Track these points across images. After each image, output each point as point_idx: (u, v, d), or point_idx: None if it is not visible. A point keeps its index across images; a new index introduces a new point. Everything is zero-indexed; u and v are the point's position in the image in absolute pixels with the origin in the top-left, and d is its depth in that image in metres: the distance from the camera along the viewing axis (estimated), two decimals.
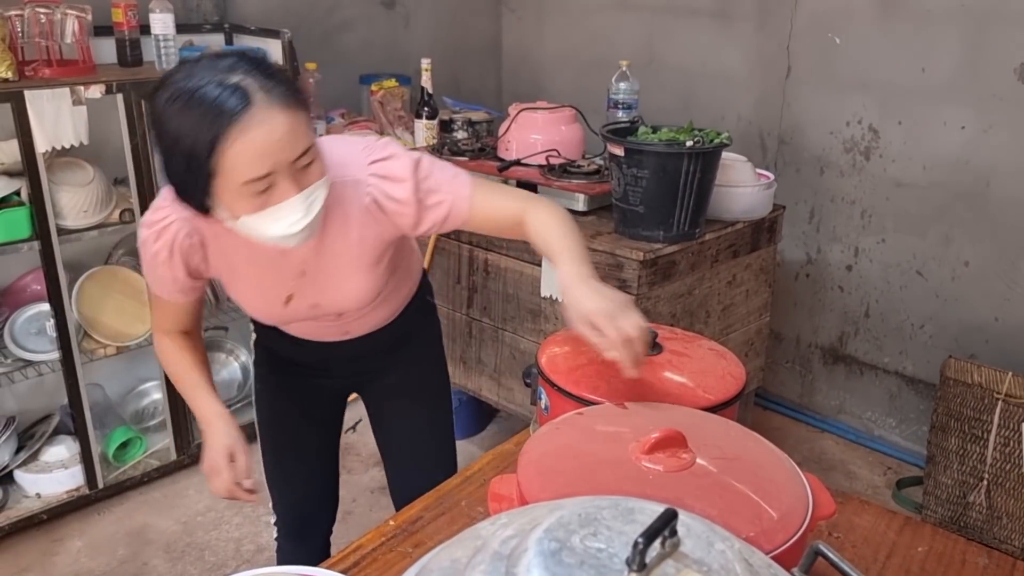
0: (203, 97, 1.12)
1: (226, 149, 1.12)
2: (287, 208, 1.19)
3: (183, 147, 1.14)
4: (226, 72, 1.14)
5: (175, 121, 1.13)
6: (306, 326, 1.55)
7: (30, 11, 2.29)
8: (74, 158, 2.42)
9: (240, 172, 1.14)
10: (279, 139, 1.15)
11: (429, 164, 1.38)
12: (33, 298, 2.54)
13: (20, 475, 2.55)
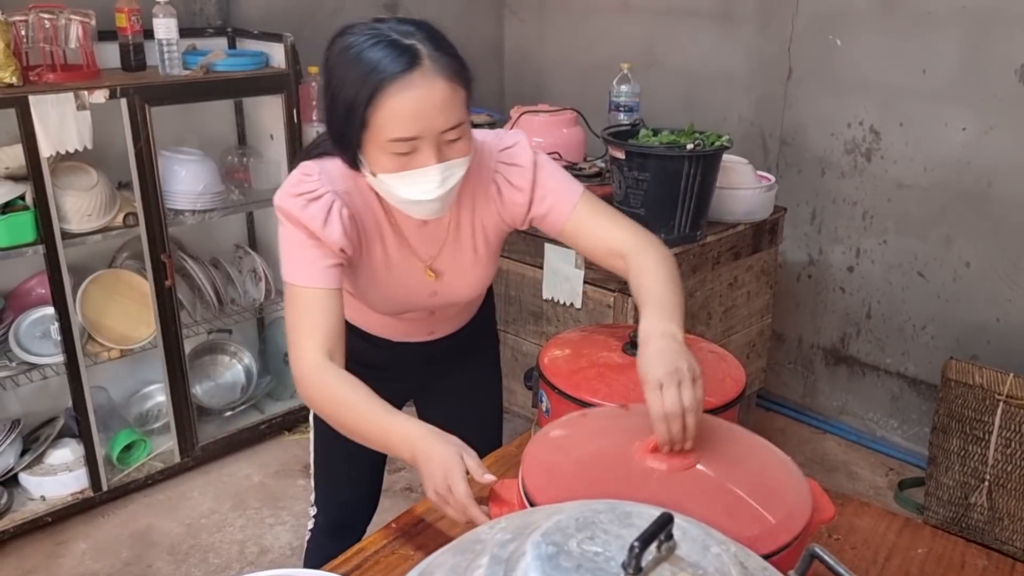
0: (374, 50, 1.16)
1: (382, 103, 1.15)
2: (424, 175, 1.21)
3: (346, 95, 1.17)
4: (402, 34, 1.18)
5: (344, 68, 1.18)
6: (394, 326, 1.55)
7: (34, 16, 2.30)
8: (78, 162, 2.43)
9: (389, 129, 1.17)
10: (433, 106, 1.17)
11: (546, 161, 1.40)
12: (37, 302, 2.56)
13: (25, 478, 2.56)
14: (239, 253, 3.02)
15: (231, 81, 2.63)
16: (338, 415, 1.25)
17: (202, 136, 2.85)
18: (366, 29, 1.19)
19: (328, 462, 1.77)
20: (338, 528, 1.82)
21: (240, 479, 2.84)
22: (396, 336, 1.59)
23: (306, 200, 1.28)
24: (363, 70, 1.15)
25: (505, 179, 1.38)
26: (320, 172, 1.30)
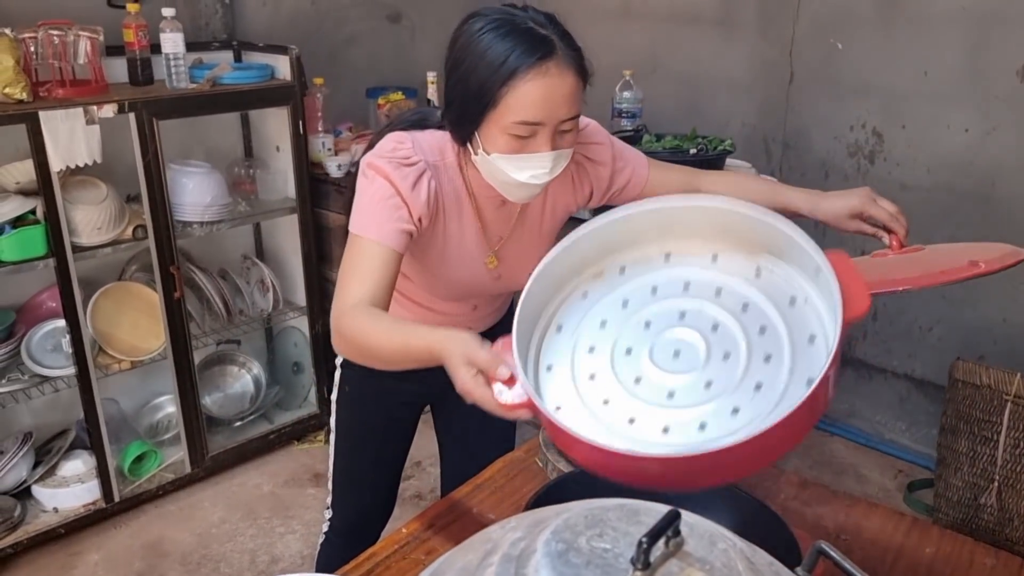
0: (512, 35, 1.21)
1: (517, 86, 1.20)
2: (536, 160, 1.26)
3: (481, 73, 1.22)
4: (538, 24, 1.24)
5: (480, 48, 1.22)
6: (432, 321, 1.54)
7: (43, 33, 2.33)
8: (88, 176, 2.46)
9: (518, 111, 1.21)
10: (562, 95, 1.22)
11: (614, 136, 1.53)
12: (49, 315, 2.58)
13: (38, 490, 2.58)
14: (247, 264, 3.04)
15: (237, 94, 2.65)
16: (366, 344, 1.22)
17: (209, 148, 2.87)
18: (501, 15, 1.25)
19: (350, 465, 1.77)
20: (353, 531, 1.82)
21: (250, 489, 2.86)
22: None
23: (400, 162, 1.32)
24: (502, 51, 1.20)
25: (585, 156, 1.45)
26: (413, 142, 1.34)
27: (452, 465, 1.88)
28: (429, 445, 3.11)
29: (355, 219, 1.31)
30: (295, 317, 3.06)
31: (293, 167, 2.83)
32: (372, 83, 3.35)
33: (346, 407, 1.72)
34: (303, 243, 2.91)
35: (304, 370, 3.13)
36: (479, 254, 1.45)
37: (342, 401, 1.72)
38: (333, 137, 3.00)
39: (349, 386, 1.71)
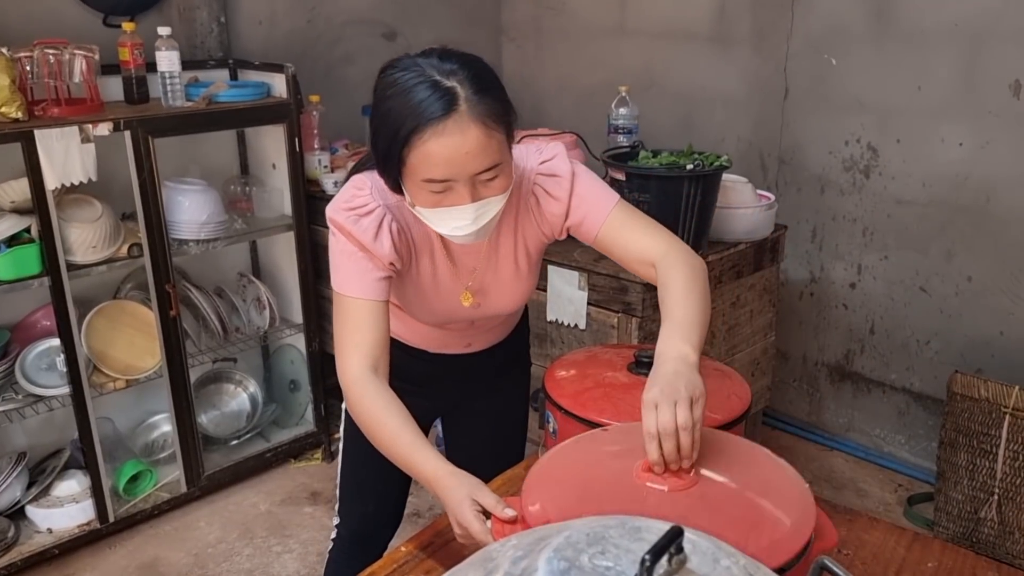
0: (416, 90, 1.18)
1: (417, 146, 1.18)
2: (457, 213, 1.24)
3: (386, 131, 1.21)
4: (446, 74, 1.19)
5: (386, 104, 1.20)
6: (433, 336, 1.58)
7: (39, 52, 2.34)
8: (83, 195, 2.46)
9: (423, 170, 1.20)
10: (466, 152, 1.18)
11: (584, 171, 1.42)
12: (43, 334, 2.57)
13: (32, 510, 2.56)
14: (243, 282, 3.03)
15: (233, 112, 2.66)
16: (373, 432, 1.29)
17: (205, 166, 2.87)
18: (412, 65, 1.21)
19: (358, 474, 1.78)
20: (360, 540, 1.83)
21: (247, 508, 2.83)
22: (434, 347, 1.61)
23: (358, 215, 1.31)
24: (402, 111, 1.18)
25: (544, 190, 1.39)
26: (372, 186, 1.33)
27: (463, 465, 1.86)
28: None
29: (333, 276, 1.34)
30: (291, 335, 3.04)
31: (289, 184, 2.83)
32: (368, 100, 3.32)
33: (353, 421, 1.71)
34: (299, 260, 2.90)
35: (301, 388, 3.12)
36: (453, 288, 1.45)
37: (350, 415, 1.71)
38: (329, 154, 3.01)
39: None
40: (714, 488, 0.99)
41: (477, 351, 1.64)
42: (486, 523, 1.09)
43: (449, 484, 1.16)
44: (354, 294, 1.32)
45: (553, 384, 1.40)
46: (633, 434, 1.15)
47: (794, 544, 0.91)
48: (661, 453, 1.02)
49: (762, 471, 1.07)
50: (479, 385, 1.71)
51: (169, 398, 2.67)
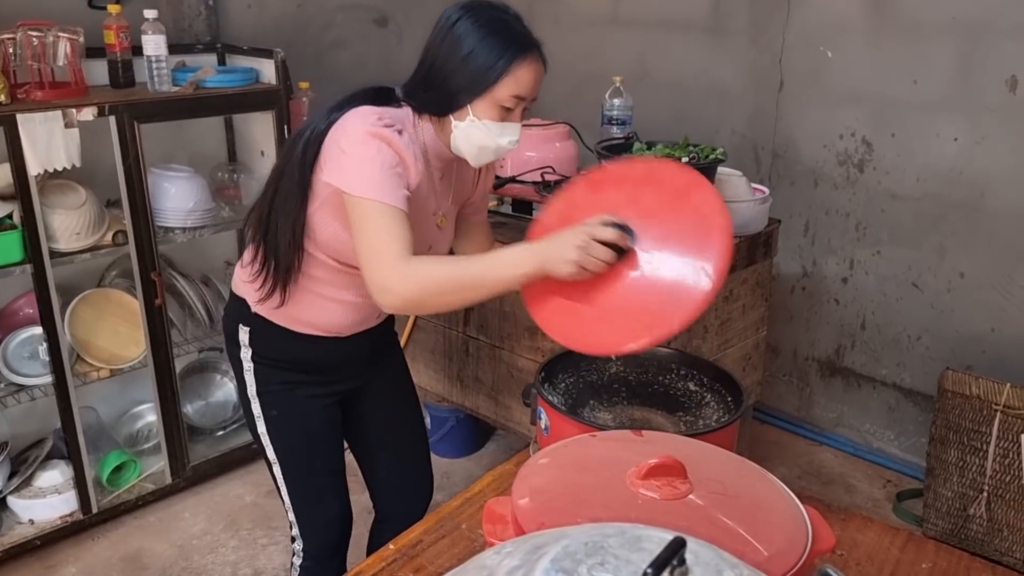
0: (505, 30, 1.48)
1: (521, 66, 1.47)
2: (511, 128, 1.52)
3: (490, 54, 1.45)
4: (520, 21, 1.52)
5: (487, 33, 1.46)
6: (353, 315, 1.65)
7: (22, 34, 2.28)
8: (66, 180, 2.41)
9: (515, 88, 1.47)
10: (539, 80, 1.52)
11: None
12: (25, 322, 2.52)
13: (13, 501, 2.52)
14: (230, 270, 2.99)
15: (221, 97, 2.61)
16: (444, 286, 1.38)
17: (192, 153, 2.83)
18: (492, 11, 1.49)
19: (306, 484, 1.75)
20: (329, 547, 1.80)
21: (232, 499, 2.80)
22: (349, 329, 1.66)
23: (395, 131, 1.47)
24: (507, 37, 1.46)
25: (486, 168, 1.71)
26: (389, 114, 1.50)
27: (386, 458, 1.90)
28: None
29: (367, 185, 1.40)
30: None
31: None
32: (359, 87, 3.31)
33: (280, 430, 1.70)
34: None
35: None
36: (432, 212, 1.63)
37: (272, 428, 1.70)
38: None
39: (276, 410, 1.69)
40: (706, 497, 0.96)
41: (379, 323, 1.74)
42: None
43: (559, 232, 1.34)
44: (390, 201, 1.40)
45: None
46: (623, 441, 1.14)
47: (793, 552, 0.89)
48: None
49: (749, 481, 1.05)
50: (376, 362, 1.79)
51: (154, 388, 2.63)
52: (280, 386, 1.67)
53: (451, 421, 3.01)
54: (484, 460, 3.06)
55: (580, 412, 1.42)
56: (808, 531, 0.94)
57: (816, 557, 0.94)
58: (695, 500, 0.96)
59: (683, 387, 1.53)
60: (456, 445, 3.08)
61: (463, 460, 3.07)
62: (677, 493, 0.96)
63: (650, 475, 0.98)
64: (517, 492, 1.01)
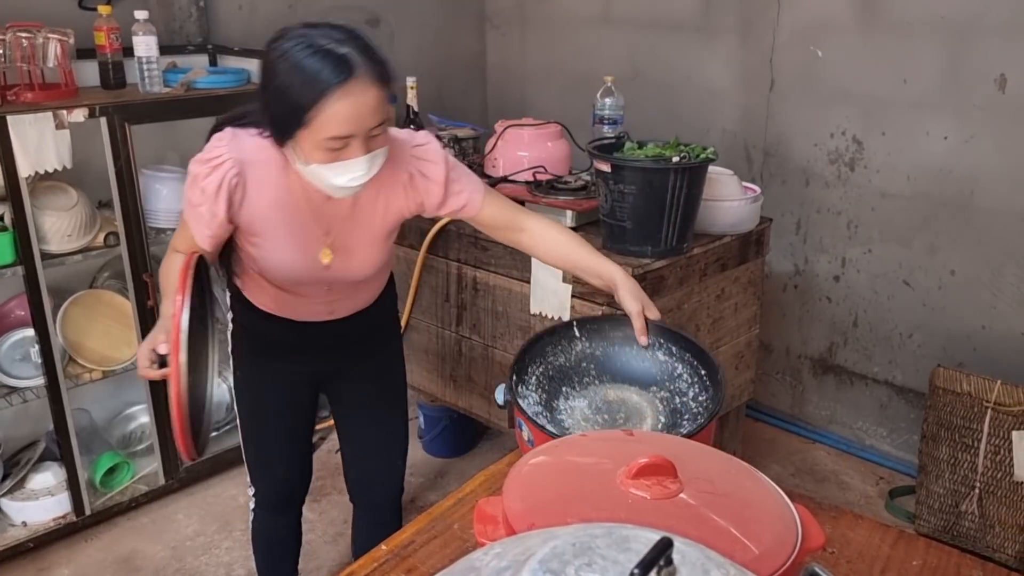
0: (313, 59, 1.32)
1: (324, 108, 1.32)
2: (353, 165, 1.40)
3: (290, 96, 1.34)
4: (338, 42, 1.33)
5: (288, 72, 1.33)
6: (297, 304, 1.69)
7: (12, 35, 2.28)
8: (57, 182, 2.40)
9: (328, 129, 1.34)
10: (367, 110, 1.35)
11: (454, 160, 1.65)
12: (17, 324, 2.52)
13: (6, 503, 2.52)
14: (223, 272, 2.98)
15: (212, 98, 2.60)
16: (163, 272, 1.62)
17: (183, 154, 2.81)
18: (300, 36, 1.34)
19: (257, 446, 1.91)
20: (280, 503, 1.98)
21: (226, 500, 2.80)
22: (298, 315, 1.72)
23: (210, 167, 1.47)
24: (305, 77, 1.31)
25: (419, 172, 1.58)
26: (232, 139, 1.49)
27: (351, 444, 1.99)
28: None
29: (185, 208, 1.53)
30: None
31: None
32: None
33: (241, 390, 1.86)
34: None
35: None
36: (313, 244, 1.57)
37: (238, 386, 1.86)
38: None
39: (241, 372, 1.84)
40: (696, 496, 0.97)
41: (342, 318, 1.74)
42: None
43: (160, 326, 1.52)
44: (191, 233, 1.54)
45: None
46: (613, 441, 1.14)
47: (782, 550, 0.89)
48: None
49: (739, 480, 1.05)
50: (351, 351, 1.82)
51: (146, 389, 2.63)
52: (248, 351, 1.82)
53: (444, 421, 3.02)
54: (476, 460, 3.07)
55: (555, 406, 1.42)
56: (798, 529, 0.94)
57: (806, 555, 0.94)
58: (685, 499, 0.96)
59: (652, 357, 1.51)
60: (449, 445, 3.09)
61: (456, 460, 3.07)
62: (667, 492, 0.97)
63: (640, 474, 0.98)
64: (508, 492, 1.01)
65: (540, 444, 1.22)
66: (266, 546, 2.07)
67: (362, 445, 1.96)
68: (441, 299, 2.58)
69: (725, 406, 2.60)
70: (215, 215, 1.49)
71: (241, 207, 1.51)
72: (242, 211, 1.52)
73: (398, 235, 2.57)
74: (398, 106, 3.23)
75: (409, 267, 2.61)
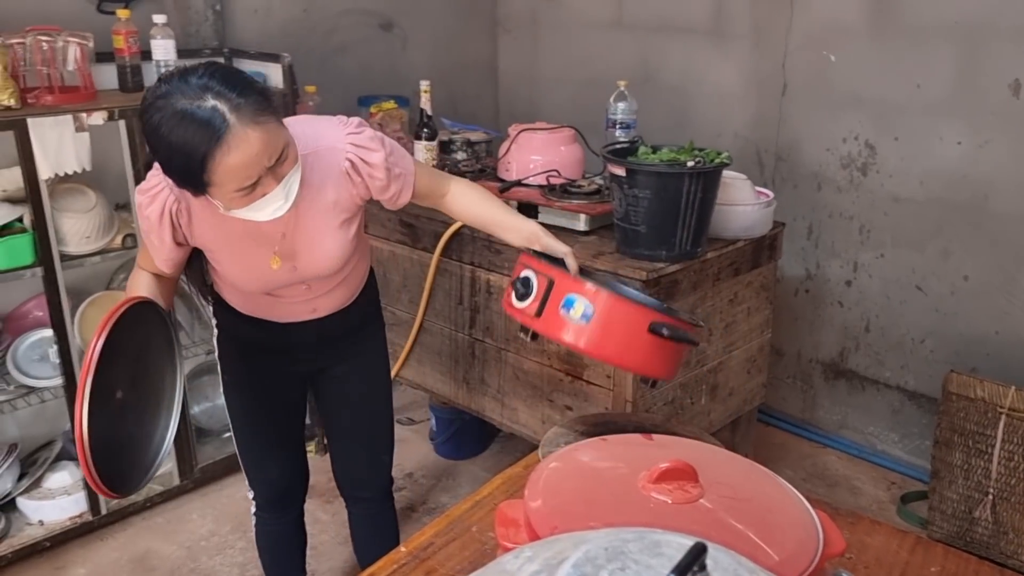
0: (182, 128, 1.28)
1: (216, 167, 1.31)
2: (271, 199, 1.40)
3: (179, 164, 1.33)
4: (199, 94, 1.29)
5: (167, 143, 1.30)
6: (277, 306, 1.72)
7: (32, 39, 2.30)
8: (76, 184, 2.43)
9: (230, 184, 1.34)
10: (257, 153, 1.32)
11: (389, 141, 1.64)
12: (36, 324, 2.54)
13: (23, 502, 2.54)
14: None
15: None
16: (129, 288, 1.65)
17: None
18: (162, 105, 1.29)
19: (249, 448, 1.94)
20: (277, 502, 2.01)
21: (240, 500, 2.81)
22: (280, 317, 1.74)
23: (150, 198, 1.51)
24: (183, 150, 1.29)
25: (361, 159, 1.58)
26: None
27: (338, 439, 2.03)
28: (419, 456, 3.09)
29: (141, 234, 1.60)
30: None
31: None
32: (364, 91, 3.33)
33: (231, 394, 1.89)
34: None
35: None
36: (261, 256, 1.59)
37: (226, 391, 1.89)
38: None
39: (229, 376, 1.87)
40: (717, 500, 0.98)
41: (324, 316, 1.77)
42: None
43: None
44: (145, 257, 1.62)
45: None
46: (632, 445, 1.15)
47: (804, 555, 0.90)
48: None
49: (760, 485, 1.06)
50: (335, 349, 1.85)
51: None
52: (234, 355, 1.85)
53: (456, 423, 3.03)
54: (488, 462, 3.08)
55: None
56: (819, 535, 0.95)
57: (827, 561, 0.95)
58: (706, 504, 0.97)
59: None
60: (461, 447, 3.10)
61: (466, 462, 3.08)
62: (688, 497, 0.98)
63: (661, 479, 0.99)
64: (530, 496, 1.02)
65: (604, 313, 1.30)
66: (270, 547, 2.11)
67: (349, 440, 2.00)
68: (454, 302, 2.59)
69: (736, 410, 2.62)
70: (163, 241, 1.55)
71: (191, 229, 1.56)
72: (192, 232, 1.57)
73: (412, 238, 2.61)
74: (412, 109, 3.25)
75: (423, 270, 2.62)
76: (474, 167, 2.79)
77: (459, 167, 2.78)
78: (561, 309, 1.40)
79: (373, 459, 2.02)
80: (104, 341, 1.39)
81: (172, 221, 1.53)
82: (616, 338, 1.40)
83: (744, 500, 1.01)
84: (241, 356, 1.85)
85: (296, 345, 1.80)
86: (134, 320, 1.49)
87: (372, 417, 1.98)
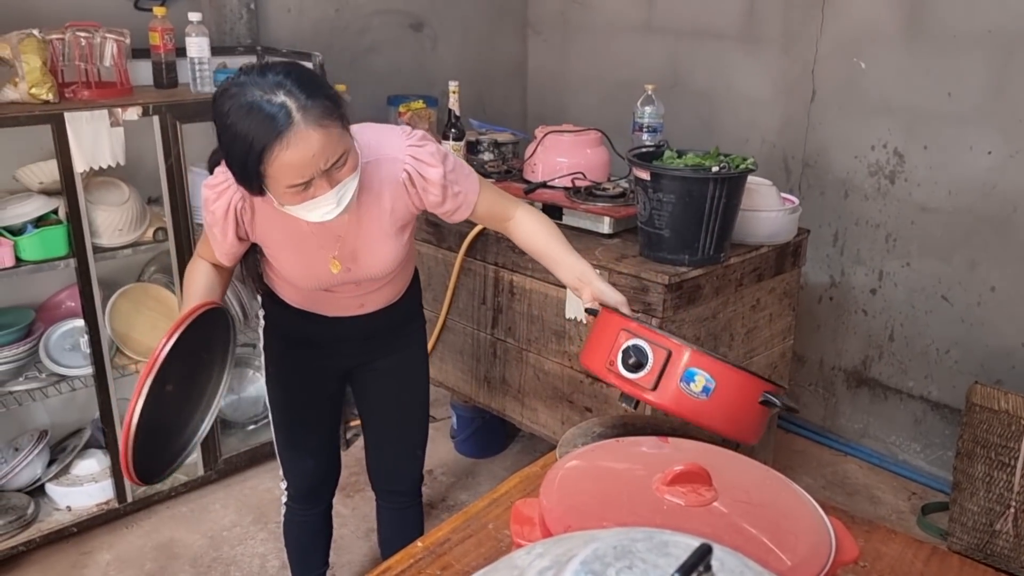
0: (249, 119, 1.33)
1: (272, 160, 1.35)
2: (322, 201, 1.43)
3: (238, 152, 1.37)
4: (272, 89, 1.34)
5: (231, 130, 1.36)
6: (328, 300, 1.76)
7: (71, 35, 2.35)
8: (110, 178, 2.48)
9: (283, 179, 1.38)
10: (314, 154, 1.36)
11: (453, 159, 1.66)
12: (68, 314, 2.60)
13: (51, 488, 2.60)
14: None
15: None
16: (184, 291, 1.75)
17: None
18: (235, 93, 1.35)
19: (287, 437, 1.97)
20: (309, 494, 2.07)
21: (262, 492, 2.86)
22: (329, 311, 1.79)
23: (217, 193, 1.56)
24: (246, 135, 1.33)
25: (418, 172, 1.61)
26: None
27: (374, 433, 2.06)
28: (439, 453, 3.12)
29: (204, 225, 1.65)
30: None
31: None
32: (394, 91, 3.36)
33: (273, 385, 1.92)
34: None
35: None
36: (321, 258, 1.64)
37: (269, 381, 1.93)
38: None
39: (273, 367, 1.91)
40: (731, 504, 0.99)
41: (371, 312, 1.81)
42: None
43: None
44: (208, 247, 1.68)
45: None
46: (647, 447, 1.16)
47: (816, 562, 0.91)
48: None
49: (774, 490, 1.07)
50: (378, 343, 1.89)
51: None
52: (278, 347, 1.89)
53: (477, 422, 3.05)
54: (507, 461, 3.10)
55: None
56: (832, 542, 0.95)
57: (839, 568, 0.95)
58: (719, 507, 0.98)
59: None
60: (480, 446, 3.12)
61: (486, 461, 3.10)
62: (702, 500, 0.99)
63: (676, 481, 1.00)
64: (545, 495, 1.04)
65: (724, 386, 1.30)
66: (297, 538, 2.15)
67: (385, 435, 2.03)
68: (478, 301, 2.61)
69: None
70: (226, 236, 1.61)
71: (252, 226, 1.61)
72: (254, 229, 1.62)
73: (437, 237, 2.63)
74: (440, 109, 3.28)
75: (447, 269, 2.64)
76: (500, 168, 2.80)
77: (485, 168, 2.80)
78: (681, 383, 1.34)
79: (408, 453, 2.06)
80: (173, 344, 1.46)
81: (236, 217, 1.58)
82: (732, 410, 1.37)
83: (757, 505, 1.02)
84: (287, 348, 1.90)
85: (342, 339, 1.84)
86: (201, 322, 1.55)
87: (410, 411, 2.02)
